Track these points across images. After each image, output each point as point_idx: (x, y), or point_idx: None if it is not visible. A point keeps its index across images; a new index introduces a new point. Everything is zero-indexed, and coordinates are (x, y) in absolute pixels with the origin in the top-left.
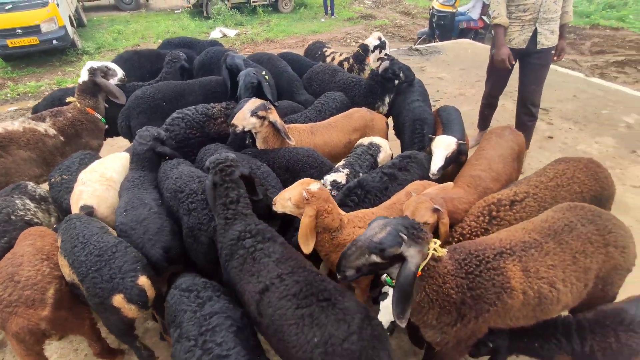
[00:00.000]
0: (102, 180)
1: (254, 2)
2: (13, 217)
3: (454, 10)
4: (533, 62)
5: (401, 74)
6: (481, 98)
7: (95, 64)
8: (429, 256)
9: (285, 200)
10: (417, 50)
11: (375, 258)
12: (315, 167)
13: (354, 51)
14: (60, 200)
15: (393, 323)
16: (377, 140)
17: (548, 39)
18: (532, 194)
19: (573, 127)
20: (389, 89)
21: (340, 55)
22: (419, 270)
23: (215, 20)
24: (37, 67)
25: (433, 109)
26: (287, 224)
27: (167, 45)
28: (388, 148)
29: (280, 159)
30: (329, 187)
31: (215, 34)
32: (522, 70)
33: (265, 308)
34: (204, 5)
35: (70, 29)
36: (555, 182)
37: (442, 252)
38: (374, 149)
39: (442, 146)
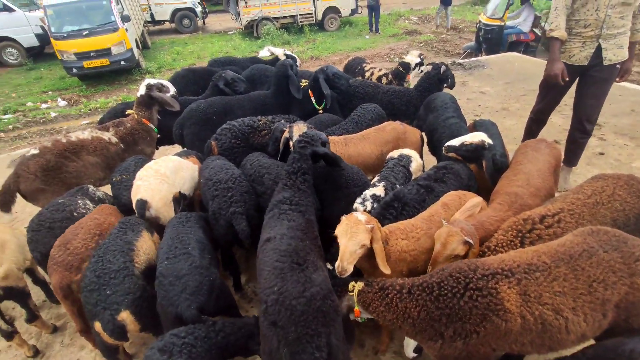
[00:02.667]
0: (157, 175)
1: (301, 22)
2: (75, 214)
3: (502, 24)
4: (595, 75)
5: (449, 79)
6: (528, 112)
7: (152, 80)
8: (355, 300)
9: (355, 253)
10: (459, 64)
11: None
12: (360, 185)
13: (394, 67)
14: (120, 196)
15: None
16: (406, 151)
17: (616, 54)
18: (568, 209)
19: (629, 143)
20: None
21: (380, 70)
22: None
23: (264, 40)
24: (107, 85)
25: (470, 122)
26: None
27: (214, 63)
28: (418, 157)
29: (321, 170)
30: (370, 201)
31: (263, 53)
32: (581, 84)
33: (262, 253)
34: (254, 27)
35: (136, 51)
36: (593, 199)
37: (359, 286)
38: (405, 160)
39: (470, 135)
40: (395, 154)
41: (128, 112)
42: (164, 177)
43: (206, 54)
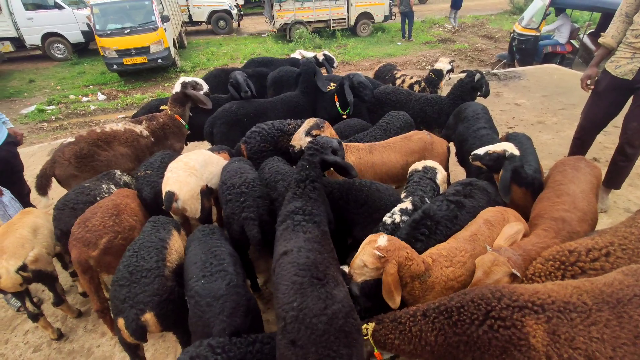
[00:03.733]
0: (186, 168)
1: (333, 26)
2: (97, 198)
3: (537, 34)
4: None
5: (483, 88)
6: (566, 127)
7: (187, 78)
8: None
9: (361, 269)
10: (494, 74)
11: None
12: (384, 204)
13: (426, 75)
14: (142, 191)
15: None
16: (430, 163)
17: None
18: (619, 244)
19: None
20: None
21: (411, 78)
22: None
23: (296, 43)
24: (143, 82)
25: (502, 135)
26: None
27: (251, 64)
28: (442, 169)
29: (358, 192)
30: (399, 214)
31: (294, 56)
32: (632, 103)
33: (278, 267)
34: (287, 30)
35: (172, 50)
36: None
37: (371, 327)
38: (431, 172)
39: (494, 145)
40: (419, 166)
41: (162, 107)
42: (192, 170)
43: (239, 55)
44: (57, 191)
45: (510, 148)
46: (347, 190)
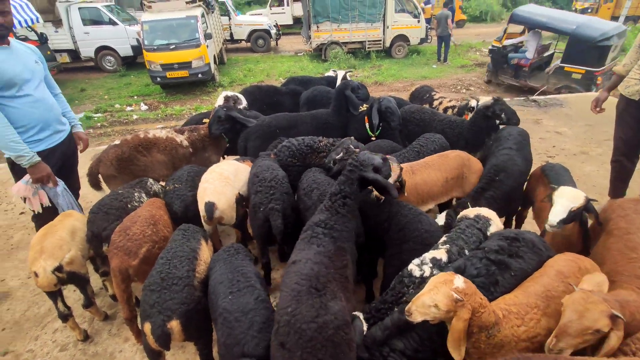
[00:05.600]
0: (221, 178)
1: (368, 47)
2: (129, 206)
3: (500, 46)
4: None
5: (503, 115)
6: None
7: (229, 93)
8: None
9: (427, 308)
10: (534, 101)
11: None
12: (423, 232)
13: (462, 98)
14: (172, 204)
15: None
16: (485, 212)
17: None
18: None
19: None
20: (491, 129)
21: (450, 101)
22: None
23: (331, 63)
24: (183, 94)
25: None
26: None
27: (291, 81)
28: (499, 222)
29: (401, 216)
30: (429, 265)
31: (328, 74)
32: None
33: (285, 275)
34: (323, 50)
35: (213, 66)
36: None
37: None
38: (483, 222)
39: (567, 197)
40: (470, 213)
41: (204, 120)
42: (227, 179)
43: (275, 72)
44: (92, 193)
45: (579, 195)
46: (395, 211)
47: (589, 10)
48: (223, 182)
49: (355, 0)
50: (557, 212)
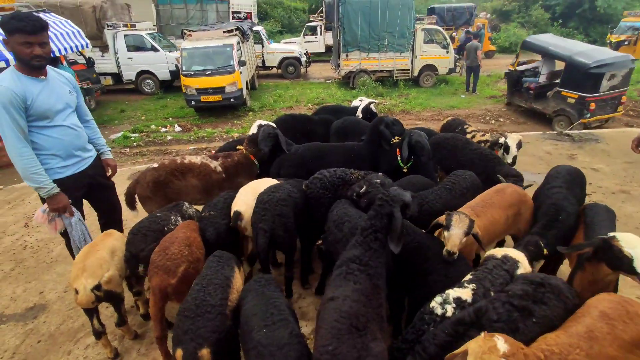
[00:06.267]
0: (253, 192)
1: (396, 76)
2: (166, 228)
3: (513, 69)
4: None
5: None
6: None
7: (263, 122)
8: None
9: None
10: (567, 135)
11: None
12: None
13: (492, 129)
14: (206, 231)
15: None
16: (514, 253)
17: None
18: None
19: None
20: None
21: (482, 135)
22: None
23: (359, 91)
24: (216, 118)
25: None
26: None
27: (322, 110)
28: (527, 264)
29: (427, 248)
30: (453, 305)
31: (355, 103)
32: None
33: (323, 311)
34: (351, 78)
35: (245, 91)
36: None
37: None
38: (510, 264)
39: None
40: (498, 253)
41: (238, 147)
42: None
43: (304, 98)
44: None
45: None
46: (426, 244)
47: (626, 43)
48: (253, 196)
49: (385, 31)
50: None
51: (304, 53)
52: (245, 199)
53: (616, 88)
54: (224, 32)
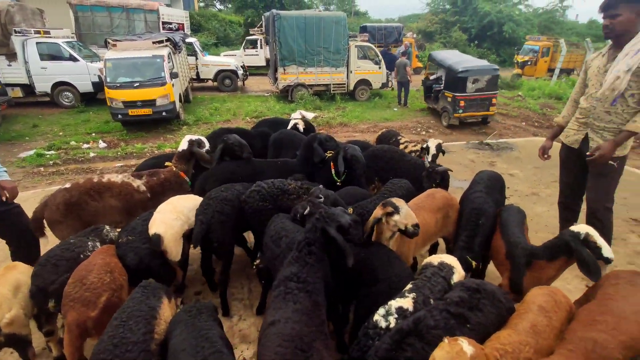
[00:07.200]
0: (174, 210)
1: (333, 90)
2: (82, 256)
3: (425, 76)
4: (590, 168)
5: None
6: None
7: (193, 137)
8: None
9: None
10: (487, 144)
11: None
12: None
13: (423, 142)
14: (125, 257)
15: None
16: (449, 259)
17: None
18: None
19: None
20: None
21: (414, 145)
22: None
23: (297, 104)
24: (146, 132)
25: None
26: None
27: (262, 123)
28: (461, 269)
29: (373, 259)
30: (395, 316)
31: (295, 116)
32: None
33: (264, 337)
34: (289, 92)
35: (178, 104)
36: None
37: None
38: (447, 271)
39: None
40: (435, 260)
41: (167, 164)
42: (180, 213)
43: (241, 111)
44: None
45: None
46: (368, 253)
47: (529, 63)
48: (174, 215)
49: (321, 47)
50: None
51: (241, 66)
52: (164, 218)
53: (483, 91)
54: (154, 42)
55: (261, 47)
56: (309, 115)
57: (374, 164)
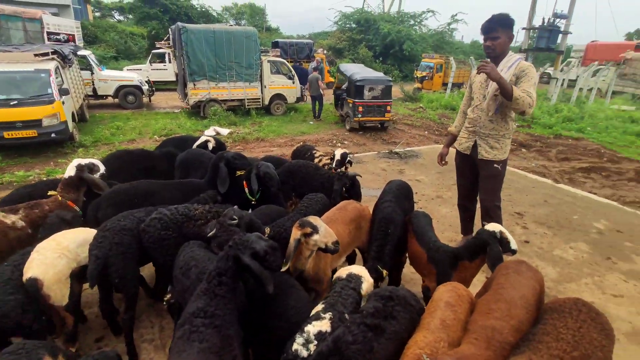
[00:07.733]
0: (57, 248)
1: (248, 105)
2: None
3: (337, 86)
4: (480, 171)
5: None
6: None
7: (83, 161)
8: None
9: None
10: (396, 153)
11: None
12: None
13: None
14: None
15: None
16: (356, 269)
17: (488, 152)
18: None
19: (547, 232)
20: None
21: (328, 159)
22: None
23: (210, 120)
24: (31, 157)
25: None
26: None
27: (167, 143)
28: (369, 276)
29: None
30: (314, 343)
31: (209, 132)
32: None
33: None
34: (202, 107)
35: (70, 124)
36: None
37: None
38: (355, 281)
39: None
40: (343, 273)
41: (50, 193)
42: (64, 250)
43: (148, 130)
44: None
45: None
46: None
47: (427, 78)
48: (57, 253)
49: (232, 61)
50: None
51: (146, 81)
52: (43, 258)
53: (378, 98)
54: (36, 55)
55: (170, 61)
56: (224, 131)
57: (290, 180)
